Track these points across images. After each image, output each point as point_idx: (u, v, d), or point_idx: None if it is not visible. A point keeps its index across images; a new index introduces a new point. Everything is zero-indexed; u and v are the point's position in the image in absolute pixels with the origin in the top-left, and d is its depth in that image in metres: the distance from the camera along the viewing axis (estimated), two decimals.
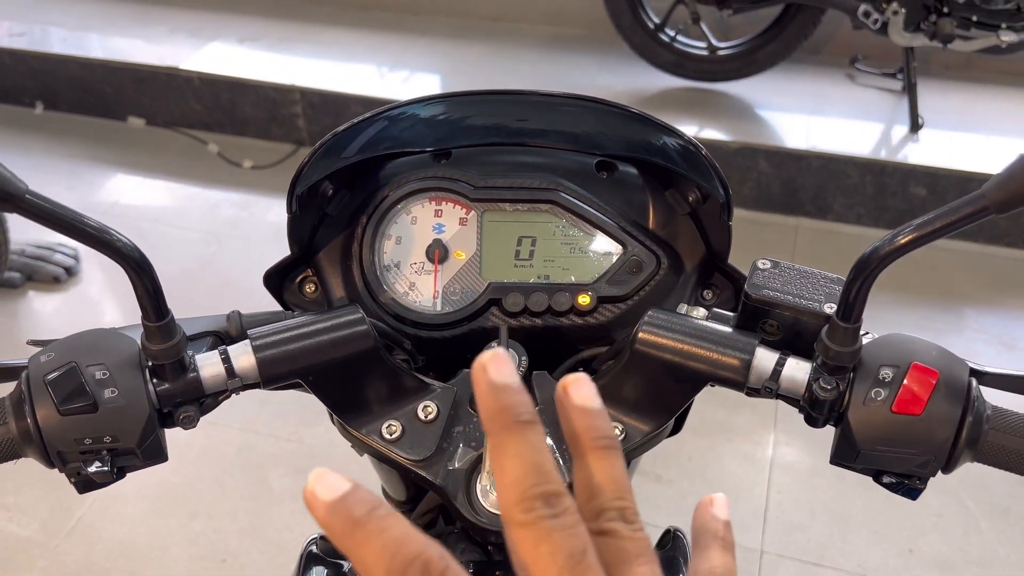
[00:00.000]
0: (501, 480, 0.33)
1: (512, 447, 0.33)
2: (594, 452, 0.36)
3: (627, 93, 2.95)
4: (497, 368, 0.34)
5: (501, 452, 0.33)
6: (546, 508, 0.32)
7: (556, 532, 0.32)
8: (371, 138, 0.75)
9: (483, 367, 0.34)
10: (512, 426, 0.33)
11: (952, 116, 2.80)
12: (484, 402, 0.34)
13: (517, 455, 0.33)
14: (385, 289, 0.75)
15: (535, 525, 0.32)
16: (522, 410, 0.34)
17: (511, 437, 0.33)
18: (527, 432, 0.34)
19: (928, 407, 0.55)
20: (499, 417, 0.34)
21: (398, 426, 0.66)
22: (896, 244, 0.52)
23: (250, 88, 2.98)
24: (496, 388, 0.34)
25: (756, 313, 0.62)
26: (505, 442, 0.33)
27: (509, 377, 0.34)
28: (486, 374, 0.34)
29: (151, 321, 0.56)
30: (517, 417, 0.34)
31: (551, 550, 0.32)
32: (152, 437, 0.58)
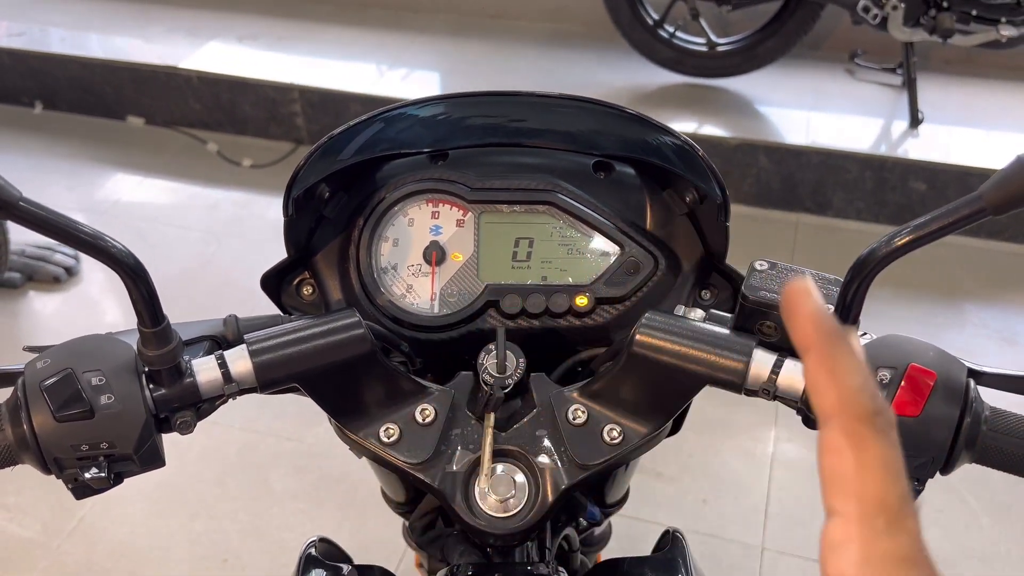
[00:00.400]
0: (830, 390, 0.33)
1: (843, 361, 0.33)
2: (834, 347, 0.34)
3: (626, 90, 2.94)
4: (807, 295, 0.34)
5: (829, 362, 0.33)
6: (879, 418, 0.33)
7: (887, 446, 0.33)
8: (367, 140, 0.75)
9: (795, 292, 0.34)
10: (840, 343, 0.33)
11: (952, 111, 2.80)
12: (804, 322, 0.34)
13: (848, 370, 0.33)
14: (382, 291, 0.75)
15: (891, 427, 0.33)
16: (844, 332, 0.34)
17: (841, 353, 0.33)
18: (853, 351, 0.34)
19: (926, 409, 0.55)
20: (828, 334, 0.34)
21: (396, 429, 0.66)
22: (894, 246, 0.52)
23: (249, 87, 2.98)
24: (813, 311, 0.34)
25: (754, 314, 0.62)
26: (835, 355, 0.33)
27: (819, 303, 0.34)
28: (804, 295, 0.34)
29: (147, 327, 0.56)
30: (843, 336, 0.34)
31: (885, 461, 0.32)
32: (149, 442, 0.57)
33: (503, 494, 0.64)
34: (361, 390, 0.65)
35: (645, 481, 1.89)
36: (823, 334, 0.33)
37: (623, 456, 0.65)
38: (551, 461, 0.65)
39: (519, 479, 0.66)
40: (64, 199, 2.81)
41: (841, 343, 0.33)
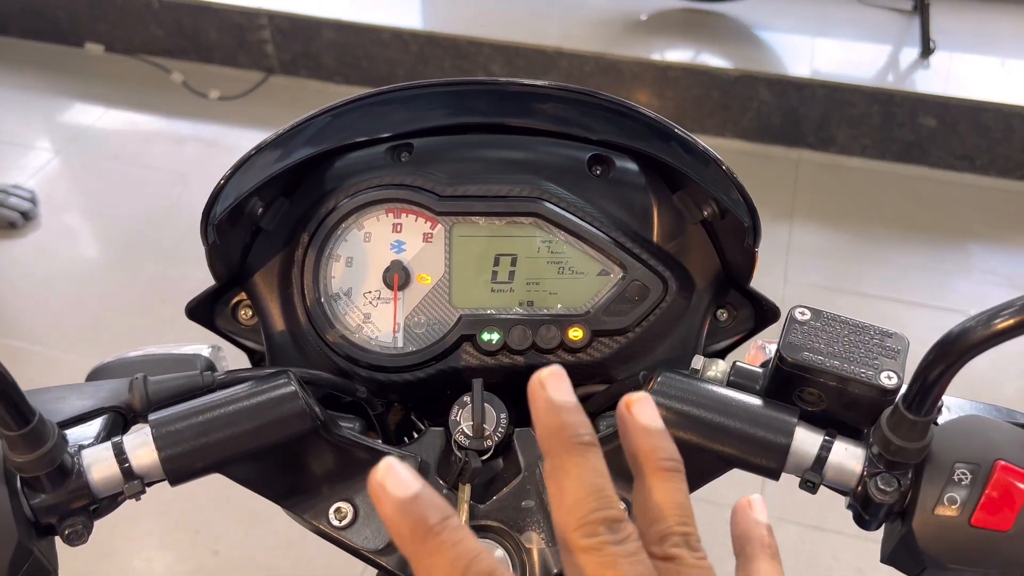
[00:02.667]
0: (560, 502, 0.33)
1: (573, 468, 0.33)
2: (658, 474, 0.35)
3: (619, 14, 2.75)
4: (555, 385, 0.34)
5: (561, 473, 0.33)
6: (609, 533, 0.32)
7: (621, 559, 0.32)
8: (310, 138, 0.60)
9: (540, 383, 0.34)
10: (572, 447, 0.33)
11: (966, 39, 2.63)
12: (542, 421, 0.34)
13: (578, 477, 0.33)
14: (333, 325, 0.62)
15: (599, 551, 0.32)
16: (582, 431, 0.34)
17: (571, 458, 0.33)
18: (588, 454, 0.33)
19: (1019, 520, 0.43)
20: (558, 436, 0.33)
21: (349, 508, 0.54)
22: (993, 329, 0.39)
23: (214, 12, 2.77)
24: (555, 406, 0.34)
25: (792, 379, 0.49)
26: (565, 463, 0.33)
27: (567, 395, 0.34)
28: (544, 391, 0.34)
29: (10, 430, 0.43)
30: (578, 438, 0.34)
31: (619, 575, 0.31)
32: (29, 561, 0.45)
33: None
34: (304, 467, 0.53)
35: None
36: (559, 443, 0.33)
37: None
38: (539, 539, 0.54)
39: (499, 556, 0.54)
40: (18, 134, 2.63)
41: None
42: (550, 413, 0.34)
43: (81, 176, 2.54)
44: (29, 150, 2.59)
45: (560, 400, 0.34)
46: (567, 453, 0.33)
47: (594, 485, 0.33)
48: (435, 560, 0.30)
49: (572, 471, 0.33)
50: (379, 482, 0.31)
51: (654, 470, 0.35)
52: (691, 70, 2.53)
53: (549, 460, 0.33)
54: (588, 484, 0.33)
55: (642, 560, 0.32)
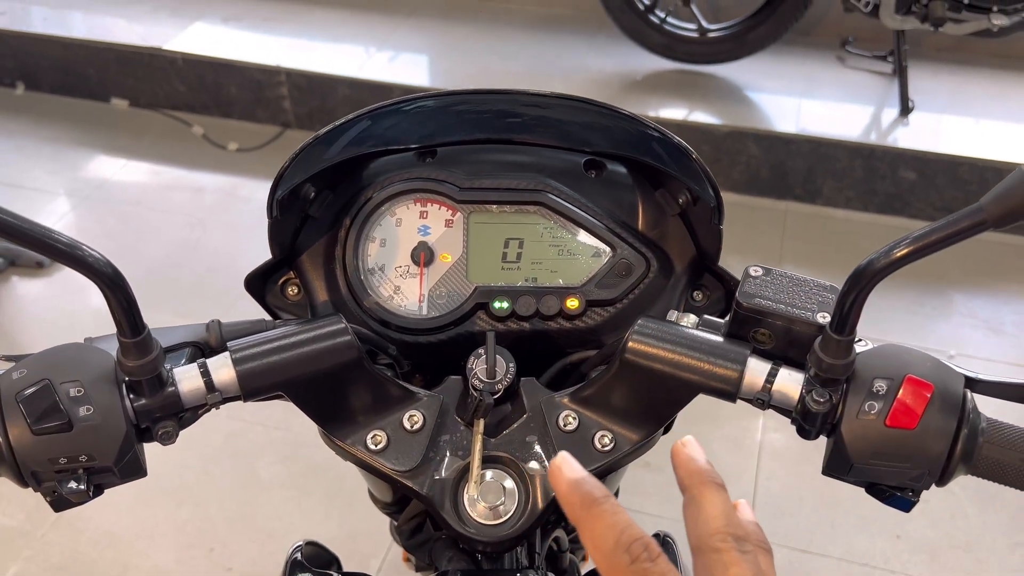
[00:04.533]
0: (698, 517, 0.45)
1: (712, 496, 0.46)
2: (708, 486, 0.48)
3: (616, 75, 2.92)
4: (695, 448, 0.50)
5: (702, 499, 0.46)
6: (736, 543, 0.44)
7: (743, 560, 0.43)
8: (354, 138, 0.73)
9: (683, 444, 0.51)
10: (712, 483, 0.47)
11: (943, 99, 2.79)
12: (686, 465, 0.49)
13: (714, 503, 0.46)
14: (369, 293, 0.73)
15: (729, 552, 0.43)
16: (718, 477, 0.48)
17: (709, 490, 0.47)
18: (722, 490, 0.47)
19: (922, 421, 0.54)
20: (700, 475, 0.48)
21: (383, 436, 0.64)
22: (892, 257, 0.50)
23: (235, 69, 2.94)
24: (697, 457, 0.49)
25: (748, 321, 0.61)
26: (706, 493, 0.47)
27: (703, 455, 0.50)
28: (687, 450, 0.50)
29: (126, 337, 0.54)
30: (716, 479, 0.48)
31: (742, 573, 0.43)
32: (130, 454, 0.56)
33: (492, 501, 0.63)
34: (348, 397, 0.64)
35: (634, 471, 1.88)
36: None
37: (614, 463, 0.64)
38: (541, 468, 0.64)
39: (508, 485, 0.65)
40: (47, 182, 2.78)
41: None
42: (693, 462, 0.48)
43: (104, 220, 2.67)
44: (56, 196, 2.73)
45: (702, 456, 0.49)
46: (706, 486, 0.47)
47: (727, 508, 0.45)
48: (599, 523, 0.42)
49: (711, 498, 0.46)
50: (557, 465, 0.44)
51: (701, 484, 0.49)
52: (684, 126, 2.69)
53: (690, 491, 0.47)
54: (723, 507, 0.45)
55: (754, 562, 0.43)
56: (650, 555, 0.41)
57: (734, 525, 0.44)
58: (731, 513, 0.45)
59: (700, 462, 0.48)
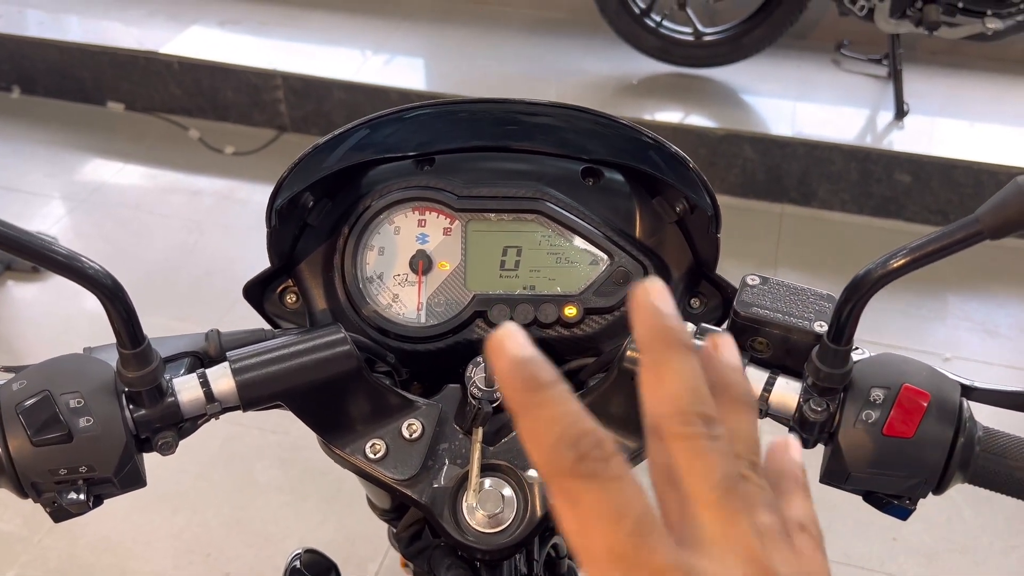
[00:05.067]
0: (657, 391, 0.32)
1: (676, 364, 0.32)
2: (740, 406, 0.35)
3: (612, 78, 2.93)
4: (661, 296, 0.33)
5: (663, 366, 0.32)
6: (705, 427, 0.31)
7: (714, 452, 0.31)
8: (352, 147, 0.73)
9: (644, 290, 0.33)
10: (679, 344, 0.32)
11: (937, 102, 2.80)
12: (646, 321, 0.33)
13: (679, 372, 0.32)
14: (368, 301, 0.73)
15: (693, 439, 0.31)
16: (687, 337, 0.33)
17: (676, 354, 0.32)
18: (691, 356, 0.33)
19: (919, 430, 0.55)
20: (664, 334, 0.32)
21: (382, 445, 0.65)
22: (889, 268, 0.51)
23: (231, 73, 2.94)
24: (662, 312, 0.33)
25: (745, 330, 0.61)
26: (670, 358, 0.32)
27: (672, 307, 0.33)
28: (648, 296, 0.33)
29: (126, 348, 0.54)
30: (684, 340, 0.33)
31: (708, 467, 0.31)
32: (130, 465, 0.56)
33: (491, 509, 0.63)
34: (347, 406, 0.64)
35: None
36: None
37: None
38: (540, 476, 0.65)
39: (507, 493, 0.65)
40: (43, 186, 2.77)
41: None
42: (657, 315, 0.33)
43: (101, 224, 2.67)
44: (52, 200, 2.73)
45: (668, 308, 0.33)
46: (672, 349, 0.32)
47: (696, 382, 0.32)
48: (542, 412, 0.30)
49: (675, 366, 0.32)
50: (499, 339, 0.31)
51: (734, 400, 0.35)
52: (680, 129, 2.69)
53: (649, 354, 0.32)
54: (691, 379, 0.32)
55: (733, 461, 0.32)
56: (603, 453, 0.30)
57: (702, 403, 0.32)
58: (701, 387, 0.32)
59: (666, 316, 0.33)
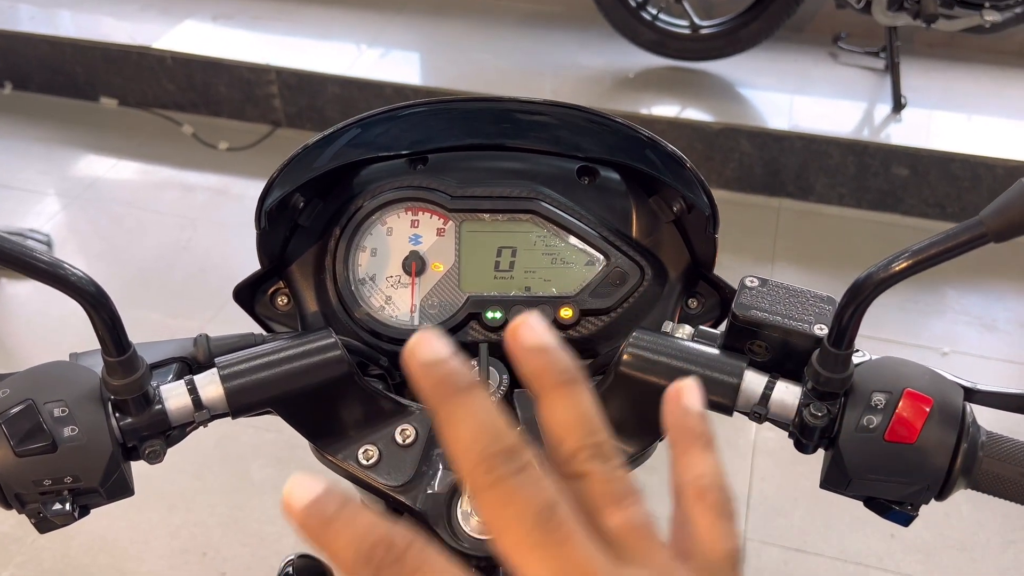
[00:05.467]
0: (456, 448, 0.30)
1: (459, 412, 0.31)
2: (555, 390, 0.33)
3: (608, 72, 2.91)
4: (426, 346, 0.31)
5: (450, 422, 0.31)
6: (506, 464, 0.30)
7: (520, 490, 0.30)
8: (343, 146, 0.72)
9: (411, 352, 0.31)
10: (454, 393, 0.31)
11: (935, 95, 2.79)
12: (420, 383, 0.31)
13: (465, 419, 0.30)
14: (360, 304, 0.72)
15: (498, 485, 0.30)
16: (460, 377, 0.31)
17: (456, 403, 0.31)
18: (471, 395, 0.31)
19: (922, 435, 0.54)
20: (438, 390, 0.31)
21: (375, 451, 0.64)
22: (891, 271, 0.50)
23: (224, 68, 2.92)
24: (428, 364, 0.31)
25: (744, 333, 0.60)
26: (452, 412, 0.31)
27: (440, 350, 0.31)
28: (415, 357, 0.31)
29: (111, 356, 0.53)
30: (457, 384, 0.31)
31: (517, 511, 0.29)
32: (116, 474, 0.55)
33: None
34: (338, 412, 0.63)
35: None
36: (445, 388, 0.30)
37: None
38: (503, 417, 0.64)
39: None
40: (36, 183, 2.75)
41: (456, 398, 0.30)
42: (424, 372, 0.31)
43: (95, 221, 2.65)
44: (46, 196, 2.71)
45: (431, 357, 0.31)
46: (449, 400, 0.31)
47: (484, 421, 0.30)
48: (338, 542, 0.30)
49: (459, 414, 0.30)
50: (287, 498, 0.30)
51: (550, 387, 0.33)
52: (676, 123, 2.68)
53: (438, 416, 0.31)
54: (478, 422, 0.30)
55: (544, 488, 0.30)
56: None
57: (498, 437, 0.30)
58: (494, 420, 0.30)
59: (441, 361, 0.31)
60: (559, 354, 0.33)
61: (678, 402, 0.37)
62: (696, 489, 0.35)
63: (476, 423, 0.30)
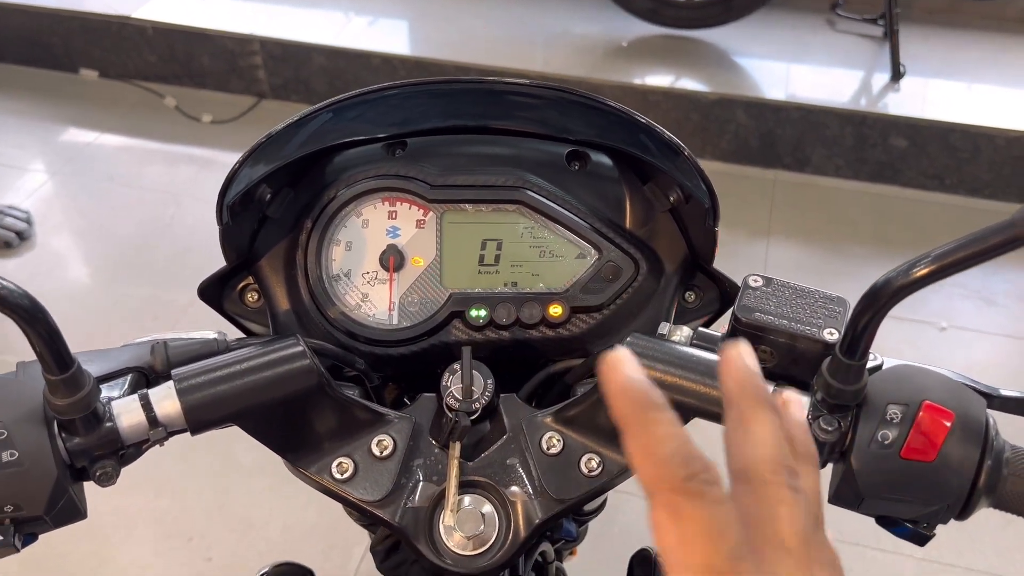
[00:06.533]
0: (746, 440, 0.36)
1: (763, 417, 0.37)
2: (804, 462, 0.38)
3: (601, 41, 2.84)
4: (748, 353, 0.39)
5: (751, 419, 0.36)
6: (791, 478, 0.35)
7: (798, 502, 0.35)
8: (315, 131, 0.67)
9: (737, 352, 0.39)
10: (766, 403, 0.37)
11: (934, 63, 2.73)
12: (736, 379, 0.38)
13: (767, 425, 0.36)
14: (334, 302, 0.67)
15: (780, 487, 0.35)
16: (772, 397, 0.38)
17: (763, 410, 0.37)
18: (776, 414, 0.37)
19: (942, 452, 0.49)
20: (753, 392, 0.37)
21: (350, 463, 0.59)
22: (912, 277, 0.45)
23: (207, 38, 2.84)
24: (750, 370, 0.38)
25: (747, 337, 0.55)
26: (757, 413, 0.37)
27: (756, 365, 0.39)
28: (740, 356, 0.39)
29: (52, 374, 0.48)
30: (771, 399, 0.38)
31: (793, 515, 0.34)
32: (63, 500, 0.51)
33: (470, 530, 0.58)
34: (309, 423, 0.58)
35: None
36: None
37: (602, 488, 0.59)
38: (523, 493, 0.59)
39: (487, 512, 0.60)
40: (15, 157, 2.68)
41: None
42: (746, 373, 0.38)
43: (76, 197, 2.59)
44: (25, 172, 2.64)
45: (753, 367, 0.38)
46: (761, 406, 0.37)
47: (780, 438, 0.36)
48: (656, 428, 0.34)
49: (763, 419, 0.36)
50: (614, 358, 0.35)
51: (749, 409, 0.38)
52: (671, 94, 2.62)
53: (737, 408, 0.37)
54: (777, 433, 0.36)
55: (805, 503, 0.35)
56: (710, 476, 0.33)
57: (788, 456, 0.36)
58: (785, 444, 0.36)
59: (755, 376, 0.38)
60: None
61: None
62: None
63: (778, 433, 0.37)
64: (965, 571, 1.73)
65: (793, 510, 0.35)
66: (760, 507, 0.34)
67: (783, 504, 0.35)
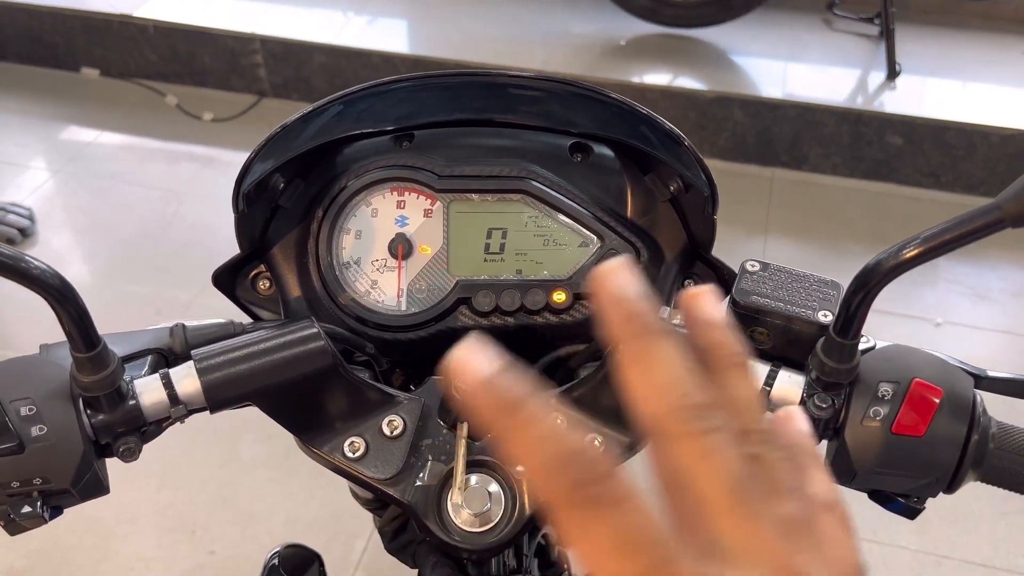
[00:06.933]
0: (646, 387, 0.29)
1: (659, 352, 0.29)
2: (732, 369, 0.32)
3: (599, 40, 2.86)
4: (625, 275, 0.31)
5: (645, 357, 0.29)
6: (702, 420, 0.28)
7: (719, 448, 0.28)
8: (325, 123, 0.69)
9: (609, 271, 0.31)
10: (656, 331, 0.30)
11: (930, 62, 2.75)
12: (615, 306, 0.30)
13: (663, 362, 0.29)
14: (345, 289, 0.69)
15: (693, 437, 0.28)
16: (653, 319, 0.30)
17: (655, 343, 0.29)
18: (671, 340, 0.30)
19: (931, 428, 0.51)
20: (637, 321, 0.30)
21: (361, 443, 0.61)
22: (902, 258, 0.47)
23: (208, 37, 2.86)
24: (630, 294, 0.30)
25: (744, 320, 0.57)
26: (649, 347, 0.29)
27: (639, 285, 0.31)
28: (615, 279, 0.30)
29: (80, 352, 0.50)
30: (649, 324, 0.30)
31: (715, 467, 0.28)
32: (88, 474, 0.53)
33: (477, 508, 0.60)
34: (323, 404, 0.60)
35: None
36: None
37: None
38: None
39: (494, 490, 0.62)
40: (16, 155, 2.70)
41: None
42: (625, 300, 0.30)
43: (77, 195, 2.61)
44: (27, 170, 2.66)
45: (635, 288, 0.30)
46: (650, 337, 0.29)
47: (682, 369, 0.29)
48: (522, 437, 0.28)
49: (657, 356, 0.29)
50: (459, 361, 0.28)
51: (728, 365, 0.32)
52: (668, 92, 2.64)
53: (627, 345, 0.29)
54: (677, 367, 0.29)
55: (741, 450, 0.29)
56: (597, 473, 0.27)
57: (694, 390, 0.29)
58: (689, 374, 0.29)
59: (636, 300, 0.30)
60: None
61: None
62: None
63: (672, 368, 0.29)
64: (960, 563, 1.75)
65: (715, 460, 0.28)
66: (678, 468, 0.28)
67: (702, 458, 0.28)
